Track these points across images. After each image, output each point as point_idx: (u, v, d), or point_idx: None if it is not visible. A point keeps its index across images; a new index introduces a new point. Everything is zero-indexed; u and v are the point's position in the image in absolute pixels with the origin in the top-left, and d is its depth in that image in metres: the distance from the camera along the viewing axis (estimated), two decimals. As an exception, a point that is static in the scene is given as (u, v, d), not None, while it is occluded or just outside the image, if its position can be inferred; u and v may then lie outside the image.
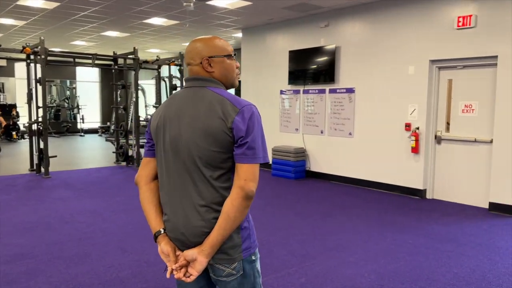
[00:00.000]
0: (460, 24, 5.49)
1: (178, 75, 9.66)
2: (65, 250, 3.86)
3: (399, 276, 3.35)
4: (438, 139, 6.01)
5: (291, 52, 7.62)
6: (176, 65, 9.36)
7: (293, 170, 7.32)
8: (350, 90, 6.85)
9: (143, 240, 4.13)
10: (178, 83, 11.52)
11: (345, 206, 5.61)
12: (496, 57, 5.22)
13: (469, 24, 5.40)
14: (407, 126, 6.15)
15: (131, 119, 9.81)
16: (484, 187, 5.50)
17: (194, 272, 1.45)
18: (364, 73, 6.65)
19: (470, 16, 5.38)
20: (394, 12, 6.23)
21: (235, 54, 1.57)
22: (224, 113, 1.41)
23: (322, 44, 7.18)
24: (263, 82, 8.39)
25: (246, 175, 1.40)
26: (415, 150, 6.04)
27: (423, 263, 3.62)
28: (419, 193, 6.07)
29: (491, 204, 5.34)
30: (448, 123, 5.90)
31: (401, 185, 6.28)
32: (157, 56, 9.22)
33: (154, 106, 14.00)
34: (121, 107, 9.14)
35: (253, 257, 1.53)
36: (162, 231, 1.53)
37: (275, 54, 8.10)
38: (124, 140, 9.17)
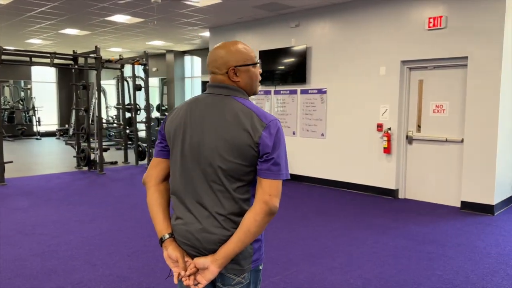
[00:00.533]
0: (431, 25, 5.53)
1: (143, 75, 9.30)
2: (27, 266, 3.53)
3: (385, 280, 3.27)
4: (410, 139, 6.05)
5: (261, 52, 7.48)
6: (141, 64, 9.00)
7: (265, 172, 7.17)
8: (321, 91, 6.79)
9: (113, 252, 3.86)
10: (142, 83, 11.13)
11: (321, 208, 5.53)
12: (466, 57, 5.30)
13: (440, 25, 5.45)
14: (379, 127, 6.15)
15: (93, 121, 9.35)
16: (456, 186, 5.57)
17: (204, 280, 1.42)
18: (335, 74, 6.62)
19: (441, 17, 5.43)
20: (365, 12, 6.22)
21: (259, 62, 1.54)
22: (252, 127, 1.39)
23: (293, 44, 7.09)
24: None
25: (271, 191, 1.39)
26: (387, 150, 6.05)
27: (407, 266, 3.57)
28: (392, 193, 6.09)
29: (462, 202, 5.42)
30: (419, 124, 5.96)
31: (374, 186, 6.28)
32: (120, 55, 8.83)
33: (116, 107, 13.51)
34: (82, 108, 8.68)
35: (260, 267, 1.54)
36: (169, 235, 1.49)
37: (244, 54, 7.93)
38: (86, 144, 8.72)
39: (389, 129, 6.05)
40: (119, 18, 7.83)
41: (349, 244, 4.13)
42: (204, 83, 11.90)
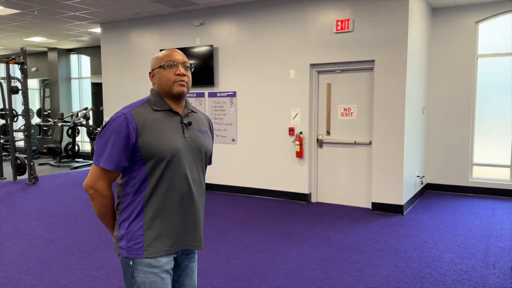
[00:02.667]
0: (339, 28, 5.53)
1: (19, 75, 8.00)
2: None
3: (322, 301, 3.01)
4: (320, 143, 6.01)
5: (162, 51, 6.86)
6: (17, 63, 7.71)
7: (172, 182, 6.58)
8: (231, 94, 6.44)
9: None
10: (19, 85, 9.65)
11: (238, 219, 5.16)
12: (373, 61, 5.39)
13: (347, 28, 5.47)
14: (291, 131, 6.01)
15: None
16: (366, 188, 5.65)
17: None
18: (245, 76, 6.32)
19: (348, 20, 5.45)
20: (272, 14, 6.02)
21: (163, 64, 1.66)
22: None
23: (198, 44, 6.62)
24: (130, 85, 7.44)
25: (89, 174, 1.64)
26: (300, 154, 5.93)
27: (338, 279, 3.37)
28: (305, 198, 5.99)
29: (373, 204, 5.50)
30: (328, 127, 5.94)
31: (287, 191, 6.12)
32: (-9, 52, 7.47)
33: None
34: None
35: (131, 262, 1.62)
36: None
37: (143, 53, 7.24)
38: None
39: (301, 133, 5.93)
40: (-12, 7, 6.57)
41: (273, 259, 3.82)
42: (94, 85, 10.75)
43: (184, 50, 6.64)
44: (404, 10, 5.13)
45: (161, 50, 6.80)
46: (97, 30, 8.22)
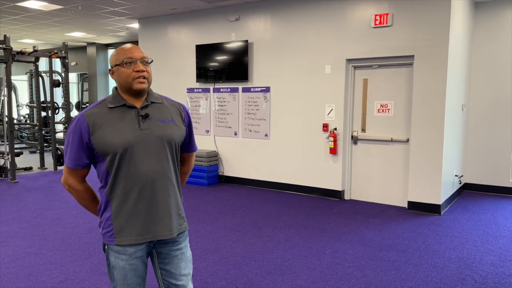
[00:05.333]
0: (377, 22, 5.42)
1: (60, 69, 8.29)
2: None
3: (358, 298, 2.98)
4: (355, 139, 5.92)
5: (198, 46, 6.95)
6: (59, 57, 7.99)
7: (206, 176, 6.67)
8: (264, 89, 6.45)
9: (34, 284, 3.15)
10: (60, 78, 10.00)
11: (270, 214, 5.17)
12: (412, 56, 5.25)
13: (386, 23, 5.36)
14: (325, 127, 5.95)
15: (1, 121, 8.15)
16: (402, 186, 5.54)
17: None
18: (279, 72, 6.30)
19: (387, 14, 5.34)
20: (308, 8, 5.97)
21: (121, 63, 1.70)
22: None
23: (233, 39, 6.65)
24: (166, 79, 7.56)
25: None
26: (333, 151, 5.87)
27: (375, 278, 3.33)
28: (338, 194, 5.93)
29: (409, 202, 5.39)
30: (364, 123, 5.85)
31: (320, 187, 6.07)
32: (35, 47, 7.75)
33: (28, 106, 12.08)
34: (-12, 107, 7.50)
35: (106, 247, 1.77)
36: None
37: (179, 49, 7.34)
38: (-6, 148, 7.55)
39: (335, 129, 5.87)
40: (33, 4, 6.82)
41: (307, 255, 3.81)
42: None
43: (219, 45, 6.70)
44: (446, 4, 4.97)
45: (196, 46, 6.99)
46: (135, 25, 8.39)
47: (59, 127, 10.43)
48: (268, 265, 3.57)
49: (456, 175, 5.91)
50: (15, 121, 9.23)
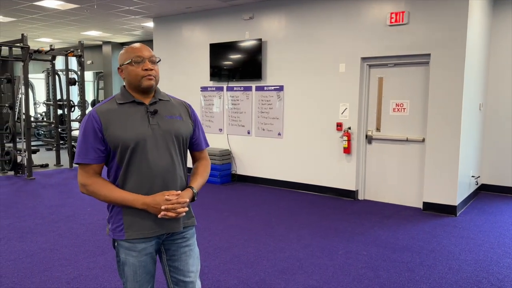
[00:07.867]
0: (393, 20, 5.35)
1: (76, 68, 8.39)
2: None
3: (371, 300, 2.95)
4: (369, 139, 5.86)
5: (212, 45, 6.95)
6: (75, 56, 8.09)
7: (219, 174, 6.68)
8: (278, 88, 6.42)
9: (49, 279, 3.19)
10: (76, 77, 10.13)
11: (283, 213, 5.15)
12: (428, 55, 5.17)
13: (402, 21, 5.28)
14: (339, 126, 5.90)
15: (19, 119, 8.29)
16: (417, 187, 5.46)
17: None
18: (293, 70, 6.27)
19: (403, 12, 5.26)
20: (323, 6, 5.92)
21: (129, 61, 1.75)
22: None
23: (247, 38, 6.64)
24: (180, 78, 7.59)
25: None
26: (347, 150, 5.82)
27: (389, 279, 3.28)
28: (351, 195, 5.87)
29: (425, 203, 5.31)
30: (378, 123, 5.78)
31: (334, 187, 6.03)
32: (51, 46, 7.86)
33: (45, 104, 12.26)
34: (6, 105, 7.64)
35: (116, 243, 1.78)
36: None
37: (194, 47, 7.36)
38: (11, 145, 7.68)
39: (349, 128, 5.81)
40: (50, 3, 6.92)
41: (320, 255, 3.78)
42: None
43: (233, 44, 6.69)
44: (464, 2, 4.88)
45: (210, 45, 6.99)
46: (149, 24, 8.45)
47: (75, 125, 10.56)
48: (280, 264, 3.56)
49: (472, 176, 5.81)
50: (32, 119, 9.36)
